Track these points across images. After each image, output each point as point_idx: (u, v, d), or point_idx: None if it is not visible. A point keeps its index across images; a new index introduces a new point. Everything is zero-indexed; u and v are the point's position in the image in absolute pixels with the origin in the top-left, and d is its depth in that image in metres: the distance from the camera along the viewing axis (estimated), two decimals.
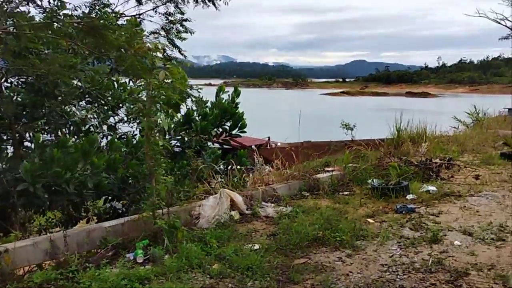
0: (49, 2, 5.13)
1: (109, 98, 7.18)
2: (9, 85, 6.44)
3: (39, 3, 4.91)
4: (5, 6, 4.57)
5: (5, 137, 6.28)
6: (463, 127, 16.56)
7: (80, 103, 7.11)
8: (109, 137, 7.21)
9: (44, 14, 4.94)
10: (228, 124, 8.97)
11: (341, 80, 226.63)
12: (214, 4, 5.96)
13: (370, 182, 6.84)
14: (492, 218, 5.25)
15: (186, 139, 8.27)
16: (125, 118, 7.75)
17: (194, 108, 8.76)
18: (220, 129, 9.08)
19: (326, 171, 7.28)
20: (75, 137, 6.76)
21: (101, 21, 4.48)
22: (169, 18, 5.98)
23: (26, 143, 6.49)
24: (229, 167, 8.25)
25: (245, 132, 9.37)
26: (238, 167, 8.07)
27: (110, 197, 6.39)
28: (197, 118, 8.57)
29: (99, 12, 4.97)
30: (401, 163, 7.98)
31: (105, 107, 7.32)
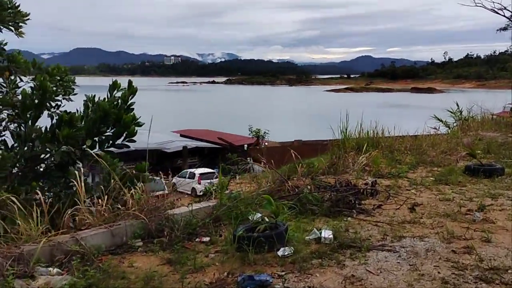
0: None
1: None
2: None
3: None
4: None
5: None
6: (445, 128, 14.17)
7: None
8: None
9: None
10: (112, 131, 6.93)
11: (345, 76, 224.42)
12: None
13: (250, 220, 4.65)
14: None
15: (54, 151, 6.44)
16: None
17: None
18: (103, 137, 7.01)
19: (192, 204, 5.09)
20: None
21: None
22: None
23: None
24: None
25: (134, 141, 7.18)
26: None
27: None
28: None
29: None
30: (310, 185, 5.80)
31: None
